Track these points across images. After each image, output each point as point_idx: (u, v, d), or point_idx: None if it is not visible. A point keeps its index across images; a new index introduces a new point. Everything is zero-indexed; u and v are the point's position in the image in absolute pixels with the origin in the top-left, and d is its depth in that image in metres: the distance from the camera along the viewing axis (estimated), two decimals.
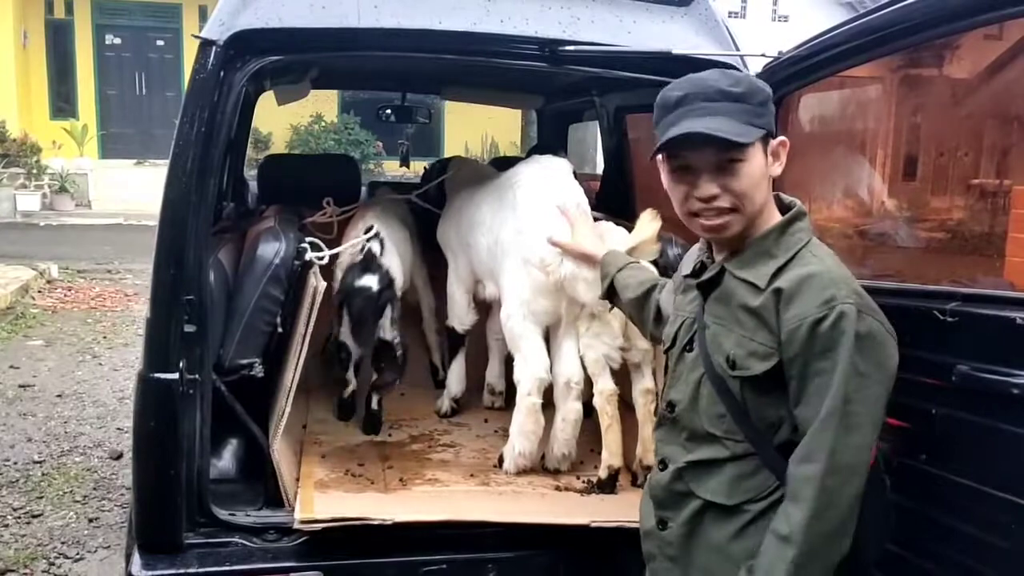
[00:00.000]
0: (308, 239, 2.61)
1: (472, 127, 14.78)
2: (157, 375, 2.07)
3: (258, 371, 2.42)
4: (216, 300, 2.28)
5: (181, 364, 2.08)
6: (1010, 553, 1.52)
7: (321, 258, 2.59)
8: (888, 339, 1.47)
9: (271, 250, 2.49)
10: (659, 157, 1.59)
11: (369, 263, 2.82)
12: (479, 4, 2.34)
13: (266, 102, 3.76)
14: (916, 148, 2.60)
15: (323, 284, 2.43)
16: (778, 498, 1.52)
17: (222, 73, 2.11)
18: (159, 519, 2.13)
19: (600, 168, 4.20)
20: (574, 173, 2.94)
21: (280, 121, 15.02)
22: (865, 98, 2.58)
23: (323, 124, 16.42)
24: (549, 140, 4.56)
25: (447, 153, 10.67)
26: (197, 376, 2.12)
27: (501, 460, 2.68)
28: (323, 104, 15.89)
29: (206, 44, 2.11)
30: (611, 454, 2.54)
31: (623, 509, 2.24)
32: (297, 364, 2.37)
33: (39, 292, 8.75)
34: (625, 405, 2.66)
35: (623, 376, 2.66)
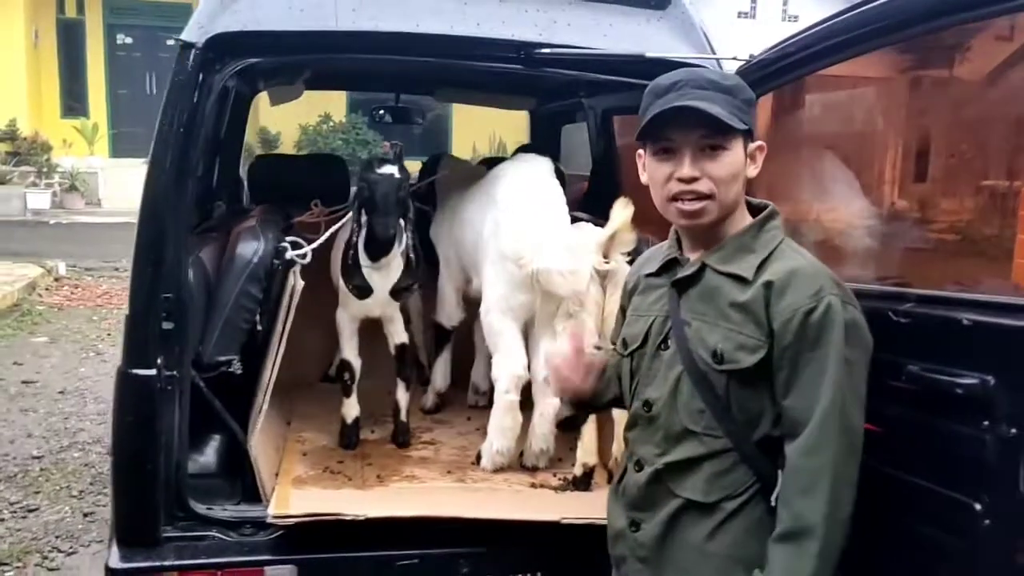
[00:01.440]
0: (289, 238, 2.64)
1: (480, 127, 14.74)
2: (135, 371, 2.11)
3: (236, 368, 2.45)
4: (195, 298, 2.32)
5: (159, 360, 2.11)
6: (959, 552, 1.54)
7: (303, 256, 2.62)
8: (864, 323, 1.53)
9: (250, 249, 2.53)
10: (639, 151, 1.64)
11: (386, 160, 2.69)
12: (456, 7, 2.37)
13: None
14: (892, 150, 2.60)
15: (301, 283, 2.47)
16: (752, 495, 1.55)
17: (201, 75, 2.16)
18: (137, 513, 2.17)
19: None
20: (559, 172, 2.98)
21: (290, 121, 15.08)
22: (836, 100, 2.60)
23: (331, 124, 16.48)
24: (542, 141, 4.58)
25: (455, 153, 10.67)
26: (175, 372, 2.15)
27: (479, 457, 2.71)
28: (331, 104, 15.94)
29: (185, 47, 2.15)
30: (586, 452, 2.57)
31: (596, 506, 2.25)
32: (275, 362, 2.41)
33: (46, 289, 8.84)
34: None
35: None
